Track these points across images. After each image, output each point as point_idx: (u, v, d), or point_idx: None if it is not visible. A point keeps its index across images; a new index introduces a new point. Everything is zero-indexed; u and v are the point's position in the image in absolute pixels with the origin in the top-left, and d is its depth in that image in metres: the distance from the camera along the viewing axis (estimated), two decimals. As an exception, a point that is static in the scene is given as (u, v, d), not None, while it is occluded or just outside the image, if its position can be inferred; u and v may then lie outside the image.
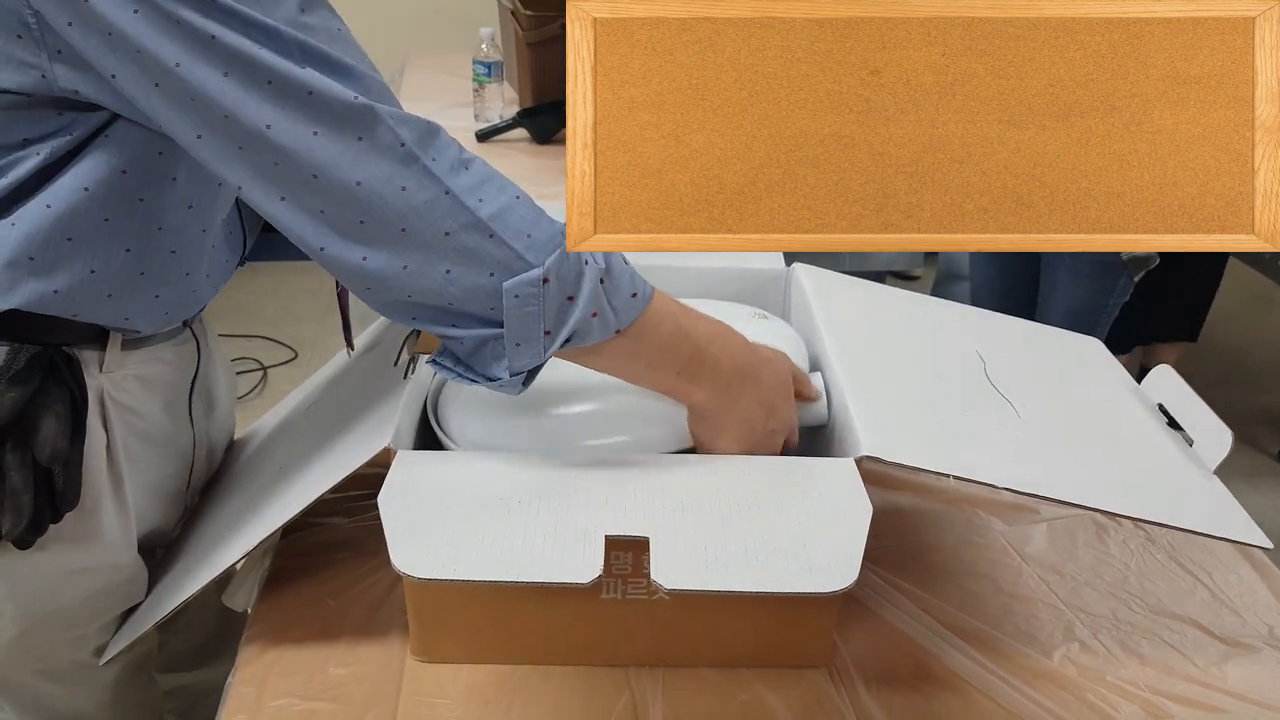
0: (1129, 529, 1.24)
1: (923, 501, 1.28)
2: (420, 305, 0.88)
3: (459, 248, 0.84)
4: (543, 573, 0.82)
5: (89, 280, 0.93)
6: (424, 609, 0.96)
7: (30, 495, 0.93)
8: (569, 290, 0.86)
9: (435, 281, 0.85)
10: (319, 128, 0.80)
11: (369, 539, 1.17)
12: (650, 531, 0.85)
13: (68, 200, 0.89)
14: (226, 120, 0.79)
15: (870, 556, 1.15)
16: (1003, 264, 2.35)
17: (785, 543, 0.86)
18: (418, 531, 0.85)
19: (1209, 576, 1.17)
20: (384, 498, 0.88)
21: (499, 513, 0.87)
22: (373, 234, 0.83)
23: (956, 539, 1.22)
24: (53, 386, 0.94)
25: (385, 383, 1.08)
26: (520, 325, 0.86)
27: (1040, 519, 1.25)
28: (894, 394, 1.08)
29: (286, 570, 1.13)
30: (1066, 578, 1.16)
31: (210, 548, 1.05)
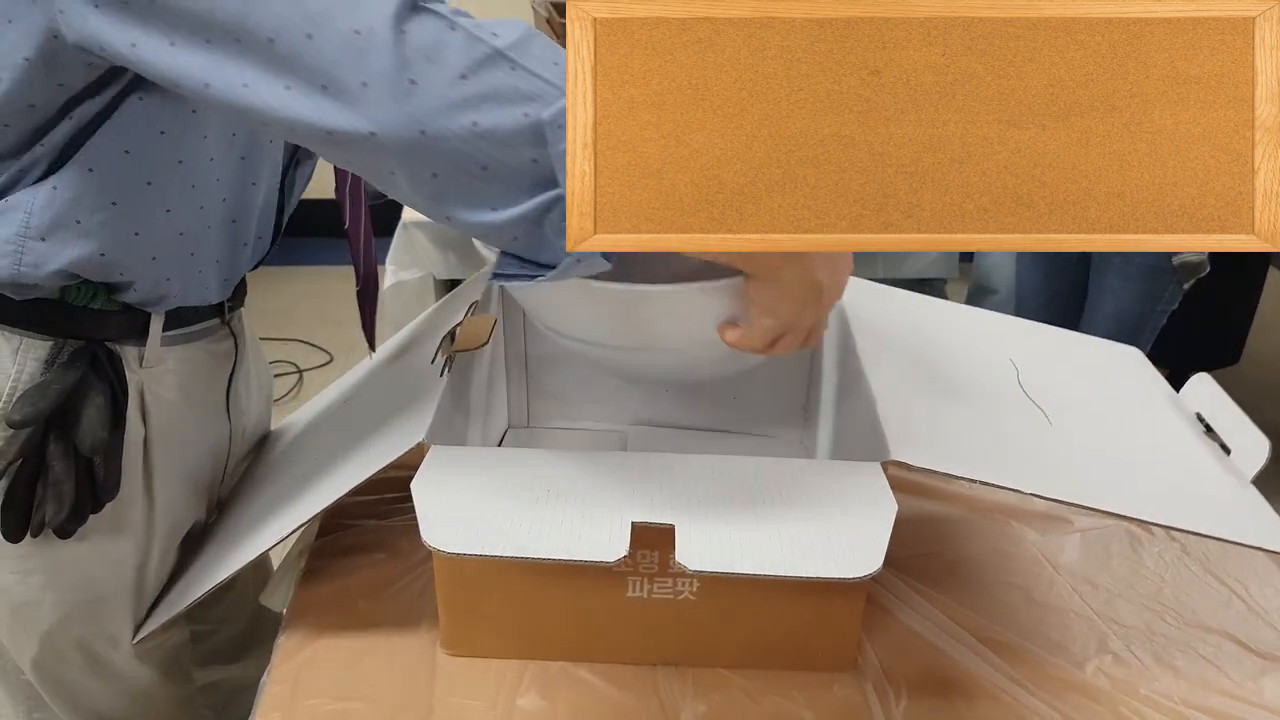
0: (1163, 540, 1.23)
1: (955, 510, 1.28)
2: (451, 184, 0.78)
3: (480, 91, 0.74)
4: (569, 551, 0.82)
5: (133, 242, 0.95)
6: (453, 594, 0.97)
7: (72, 484, 0.95)
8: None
9: (461, 140, 0.74)
10: None
11: (402, 540, 1.18)
12: (676, 520, 0.85)
13: (109, 164, 0.91)
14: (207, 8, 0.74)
15: (900, 565, 1.15)
16: (1049, 268, 2.34)
17: (810, 533, 0.86)
18: (449, 512, 0.86)
19: (1244, 589, 1.16)
20: (417, 484, 0.89)
21: (529, 500, 0.88)
22: (374, 94, 0.74)
23: (988, 548, 1.21)
24: (94, 379, 0.96)
25: (422, 380, 1.08)
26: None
27: (1073, 529, 1.24)
28: (924, 400, 1.08)
29: (321, 570, 1.13)
30: (1100, 589, 1.15)
31: (244, 535, 1.06)
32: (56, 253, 0.92)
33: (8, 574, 1.02)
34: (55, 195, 0.90)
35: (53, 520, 0.95)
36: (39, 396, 0.93)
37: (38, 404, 0.93)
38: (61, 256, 0.92)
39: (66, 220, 0.91)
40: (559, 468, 0.93)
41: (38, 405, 0.92)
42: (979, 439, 1.03)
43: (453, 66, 0.73)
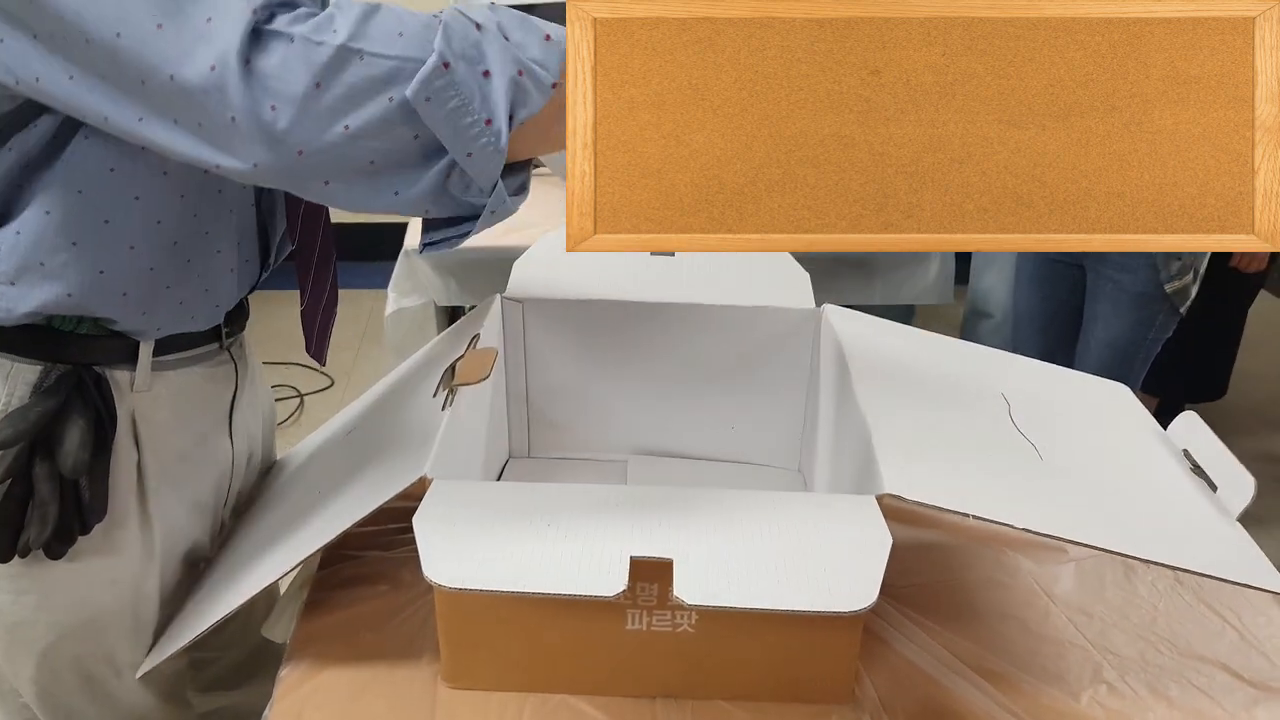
0: (1157, 569, 1.22)
1: (951, 539, 1.27)
2: (346, 185, 0.78)
3: (339, 95, 0.73)
4: (570, 584, 0.82)
5: (100, 281, 0.95)
6: (454, 627, 0.96)
7: (57, 505, 0.95)
8: (477, 63, 0.76)
9: (339, 147, 0.75)
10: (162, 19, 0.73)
11: (404, 572, 1.17)
12: (674, 554, 0.85)
13: (64, 205, 0.91)
14: (85, 43, 0.75)
15: (896, 594, 1.15)
16: (1046, 294, 2.35)
17: (806, 568, 0.86)
18: (450, 546, 0.86)
19: (1238, 619, 1.15)
20: (419, 519, 0.89)
21: (530, 534, 0.89)
22: (243, 130, 0.74)
23: (984, 578, 1.21)
24: (78, 402, 0.96)
25: (424, 413, 1.09)
26: (455, 130, 0.75)
27: (1068, 559, 1.24)
28: (918, 434, 1.08)
29: (324, 602, 1.13)
30: (1095, 619, 1.14)
31: (244, 569, 1.06)
32: (25, 295, 0.93)
33: (2, 594, 1.02)
34: (18, 240, 0.91)
35: (37, 541, 0.96)
36: (20, 419, 0.94)
37: (18, 426, 0.93)
38: (30, 299, 0.93)
39: (30, 263, 0.91)
40: (559, 501, 0.93)
41: (18, 427, 0.93)
42: (973, 472, 1.03)
43: (303, 80, 0.72)
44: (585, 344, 1.26)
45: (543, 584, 0.83)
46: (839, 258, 2.26)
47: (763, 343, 1.34)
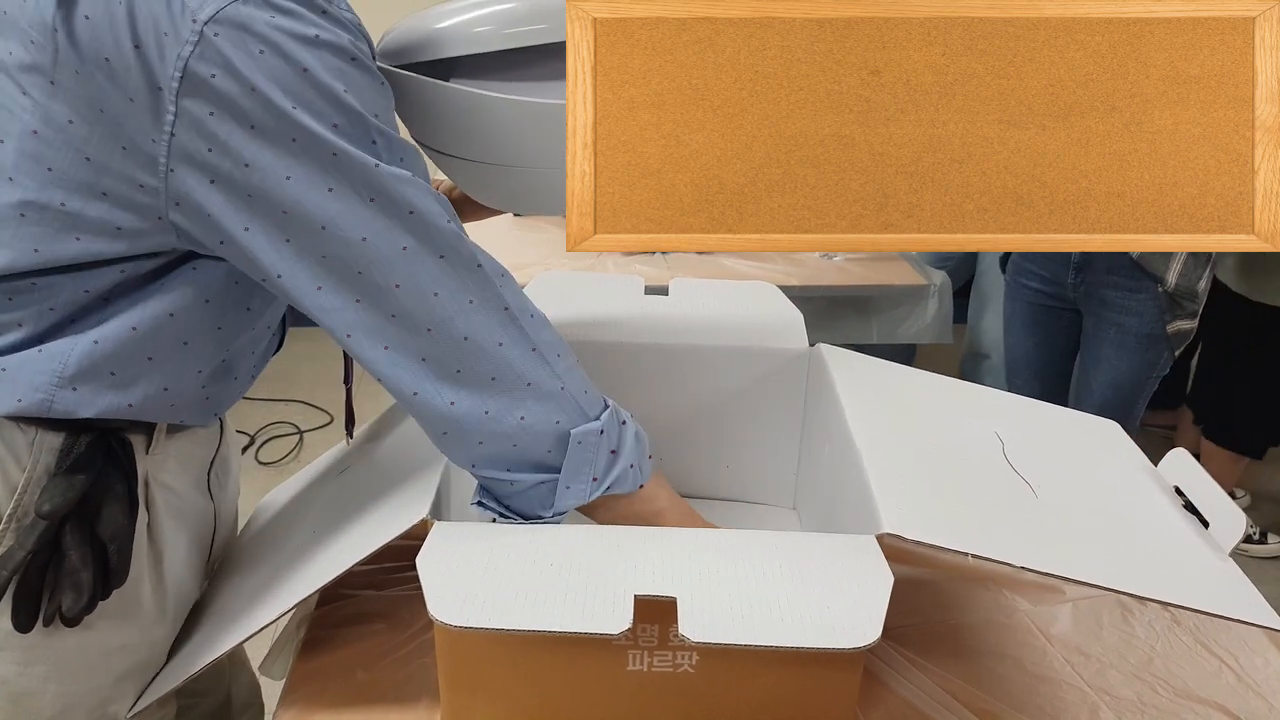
0: (1154, 609, 1.21)
1: (948, 579, 1.26)
2: (488, 451, 0.94)
3: (537, 396, 0.90)
4: (573, 623, 0.82)
5: (161, 396, 0.97)
6: (455, 669, 0.96)
7: (90, 573, 0.95)
8: (613, 444, 0.94)
9: (510, 426, 0.91)
10: (439, 289, 0.86)
11: (402, 611, 1.16)
12: (677, 592, 0.85)
13: (153, 324, 0.93)
14: (358, 275, 0.85)
15: (894, 635, 1.14)
16: (1039, 339, 2.35)
17: (808, 606, 0.87)
18: (453, 585, 0.86)
19: (1235, 660, 1.14)
20: (422, 558, 0.89)
21: (533, 573, 0.89)
22: (466, 380, 0.89)
23: (982, 618, 1.20)
24: (112, 469, 0.97)
25: (424, 452, 1.08)
26: (575, 470, 0.93)
27: (1065, 599, 1.23)
28: (914, 473, 1.07)
29: (321, 640, 1.12)
30: (1092, 659, 1.13)
31: (243, 609, 1.05)
32: (87, 402, 0.93)
33: (9, 665, 1.00)
34: (94, 349, 0.92)
35: (71, 609, 0.95)
36: (66, 487, 0.93)
37: (66, 495, 0.93)
38: (92, 406, 0.93)
39: (100, 373, 0.93)
40: (560, 542, 0.93)
41: (66, 496, 0.93)
42: (969, 511, 1.03)
43: (525, 377, 0.90)
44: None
45: (547, 623, 0.83)
46: (836, 298, 2.27)
47: (757, 383, 1.34)
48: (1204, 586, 1.01)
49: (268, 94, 0.77)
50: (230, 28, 0.76)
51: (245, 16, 0.76)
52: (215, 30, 0.75)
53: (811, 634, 0.83)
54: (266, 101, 0.77)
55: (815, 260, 2.29)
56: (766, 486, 1.46)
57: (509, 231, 2.50)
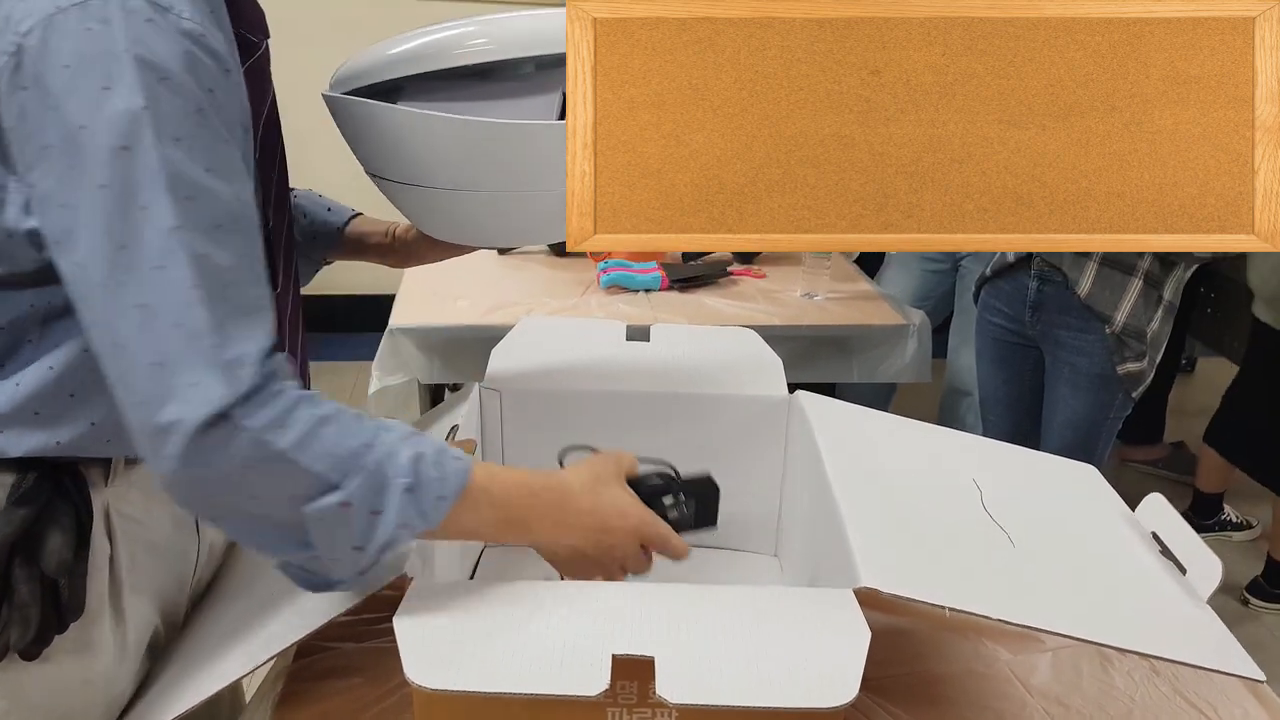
0: (1133, 659, 1.21)
1: (928, 628, 1.26)
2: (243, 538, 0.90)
3: (255, 480, 0.84)
4: (551, 685, 0.82)
5: (90, 431, 0.96)
6: None
7: (38, 608, 0.94)
8: (373, 506, 0.86)
9: (232, 500, 0.85)
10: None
11: (380, 664, 1.15)
12: (656, 652, 0.85)
13: (68, 362, 0.93)
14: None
15: (874, 686, 1.13)
16: (1007, 376, 2.35)
17: (785, 664, 0.88)
18: (431, 646, 0.86)
19: (1214, 711, 1.14)
20: (399, 619, 0.88)
21: (510, 632, 0.89)
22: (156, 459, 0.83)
23: (962, 669, 1.19)
24: (59, 502, 0.97)
25: None
26: (331, 544, 0.86)
27: (1045, 648, 1.22)
28: (892, 523, 1.08)
29: (298, 695, 1.10)
30: (1072, 710, 1.13)
31: (212, 658, 1.04)
32: (14, 443, 0.93)
33: None
34: (16, 390, 0.92)
35: (18, 643, 0.94)
36: (4, 522, 0.93)
37: (3, 529, 0.93)
38: (19, 446, 0.94)
39: (24, 413, 0.93)
40: (537, 599, 0.92)
41: (3, 531, 0.93)
42: (947, 562, 1.03)
43: (234, 464, 0.82)
44: (562, 433, 1.27)
45: (525, 684, 0.83)
46: (817, 338, 2.27)
47: (736, 429, 1.34)
48: (1182, 635, 1.01)
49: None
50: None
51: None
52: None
53: (790, 693, 0.83)
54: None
55: (797, 300, 2.29)
56: (748, 534, 1.45)
57: (492, 269, 2.50)
